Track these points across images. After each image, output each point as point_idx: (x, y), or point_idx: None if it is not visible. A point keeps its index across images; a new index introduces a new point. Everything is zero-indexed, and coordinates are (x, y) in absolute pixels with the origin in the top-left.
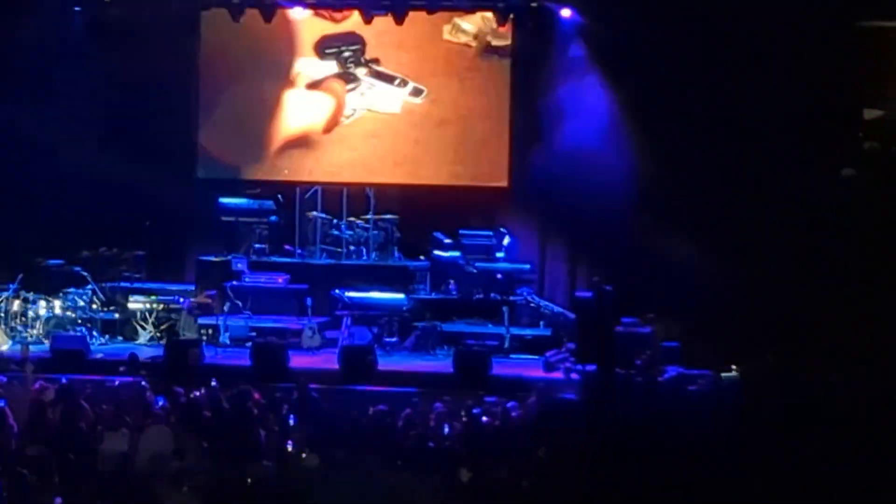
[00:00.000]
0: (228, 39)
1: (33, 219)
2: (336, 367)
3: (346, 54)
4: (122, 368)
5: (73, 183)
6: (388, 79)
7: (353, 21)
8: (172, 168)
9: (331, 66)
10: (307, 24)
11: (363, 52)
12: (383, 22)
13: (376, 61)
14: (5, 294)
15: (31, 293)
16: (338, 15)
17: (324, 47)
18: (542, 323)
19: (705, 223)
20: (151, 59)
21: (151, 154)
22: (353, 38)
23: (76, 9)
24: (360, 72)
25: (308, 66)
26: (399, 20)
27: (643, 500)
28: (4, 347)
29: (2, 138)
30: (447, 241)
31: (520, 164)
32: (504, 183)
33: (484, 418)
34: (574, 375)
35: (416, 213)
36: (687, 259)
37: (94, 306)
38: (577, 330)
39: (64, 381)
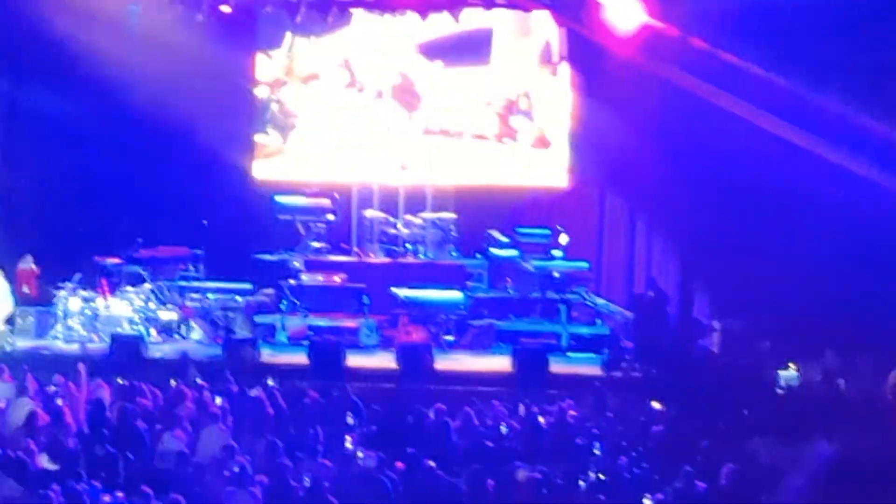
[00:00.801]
0: (284, 38)
1: (92, 218)
2: (393, 365)
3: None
4: (182, 367)
5: (131, 182)
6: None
7: (409, 19)
8: (230, 167)
9: (389, 66)
10: (365, 24)
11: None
12: (440, 18)
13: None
14: (64, 293)
15: (90, 292)
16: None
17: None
18: (599, 321)
19: (759, 219)
20: (208, 58)
21: (209, 153)
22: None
23: (133, 7)
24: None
25: (365, 64)
26: (456, 18)
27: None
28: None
29: (60, 138)
30: (504, 239)
31: (578, 163)
32: (563, 182)
33: (541, 417)
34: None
35: (473, 212)
36: (745, 256)
37: (152, 305)
38: (634, 329)
39: (122, 380)
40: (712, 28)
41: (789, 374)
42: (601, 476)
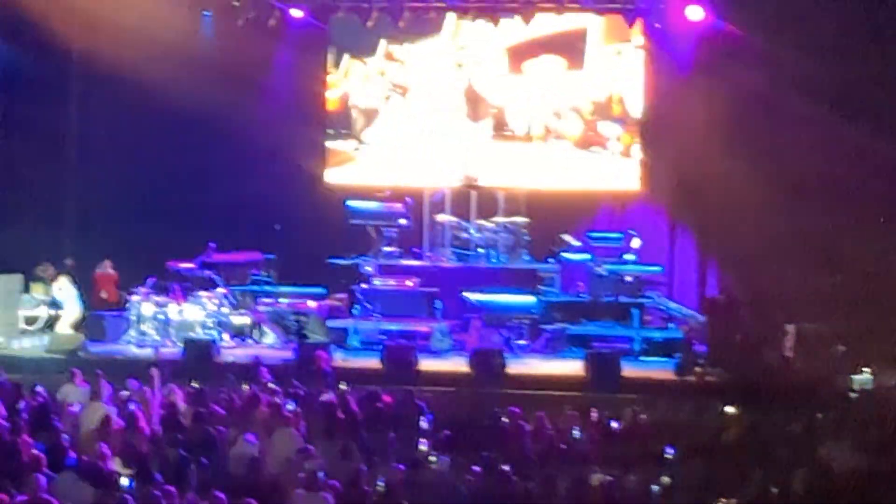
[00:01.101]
0: (357, 43)
1: (166, 223)
2: (466, 369)
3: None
4: (254, 371)
5: (205, 187)
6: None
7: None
8: (302, 172)
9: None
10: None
11: None
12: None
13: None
14: (137, 298)
15: (163, 296)
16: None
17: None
18: (672, 325)
19: (833, 225)
20: (279, 64)
21: (282, 157)
22: None
23: (204, 14)
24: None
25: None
26: (527, 21)
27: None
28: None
29: (134, 144)
30: (576, 243)
31: (651, 167)
32: (636, 186)
33: (613, 422)
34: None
35: (545, 216)
36: (817, 262)
37: (225, 309)
38: (707, 332)
39: (195, 384)
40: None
41: (863, 378)
42: (673, 481)
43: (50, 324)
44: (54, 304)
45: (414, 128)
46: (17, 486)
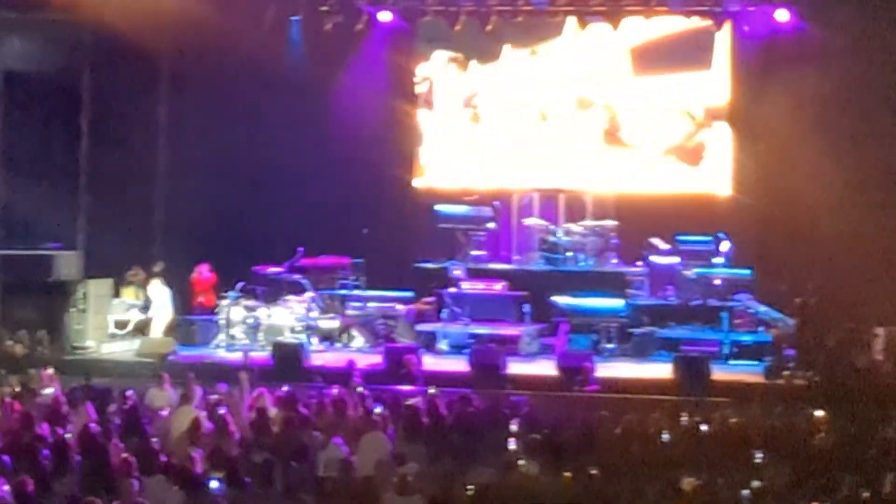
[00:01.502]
0: (447, 43)
1: (254, 227)
2: (554, 373)
3: None
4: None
5: (292, 191)
6: None
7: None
8: (391, 176)
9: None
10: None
11: None
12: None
13: None
14: (226, 302)
15: (252, 301)
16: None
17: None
18: (761, 329)
19: None
20: (367, 68)
21: (370, 162)
22: None
23: (293, 18)
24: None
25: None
26: (615, 25)
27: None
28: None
29: (223, 150)
30: (665, 246)
31: (739, 170)
32: (724, 189)
33: (703, 425)
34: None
35: (633, 219)
36: None
37: (314, 314)
38: (796, 335)
39: (284, 388)
40: None
41: None
42: (763, 485)
43: (140, 328)
44: (146, 308)
45: (507, 131)
46: (109, 491)
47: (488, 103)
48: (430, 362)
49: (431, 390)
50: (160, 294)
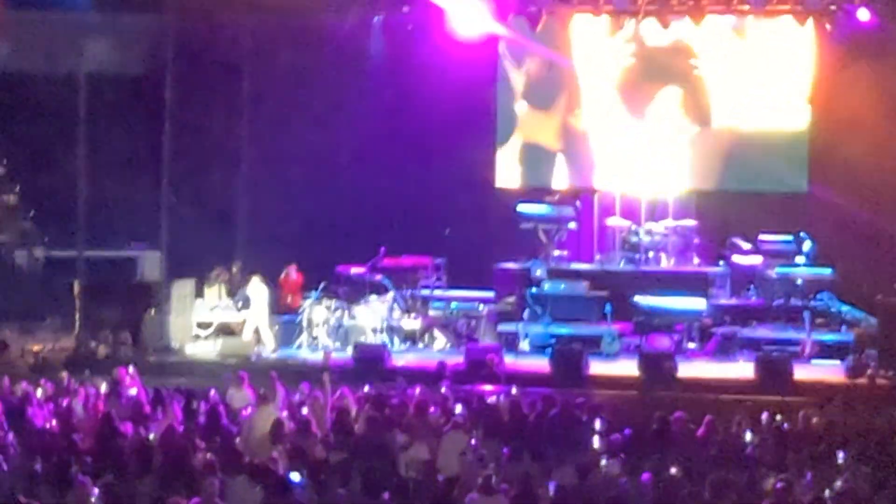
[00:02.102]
0: (527, 47)
1: (336, 228)
2: (636, 373)
3: None
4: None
5: (374, 192)
6: None
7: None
8: (472, 176)
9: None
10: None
11: None
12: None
13: None
14: (308, 302)
15: (334, 301)
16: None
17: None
18: (843, 328)
19: None
20: (448, 67)
21: (452, 162)
22: None
23: (375, 18)
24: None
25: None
26: (698, 22)
27: None
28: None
29: (303, 149)
30: (747, 246)
31: (819, 169)
32: (803, 188)
33: (785, 424)
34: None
35: (714, 219)
36: None
37: (395, 314)
38: (879, 335)
39: (367, 388)
40: None
41: None
42: (846, 485)
43: (223, 328)
44: (243, 307)
45: (586, 127)
46: (191, 491)
47: (573, 104)
48: (511, 362)
49: (513, 390)
50: (259, 293)
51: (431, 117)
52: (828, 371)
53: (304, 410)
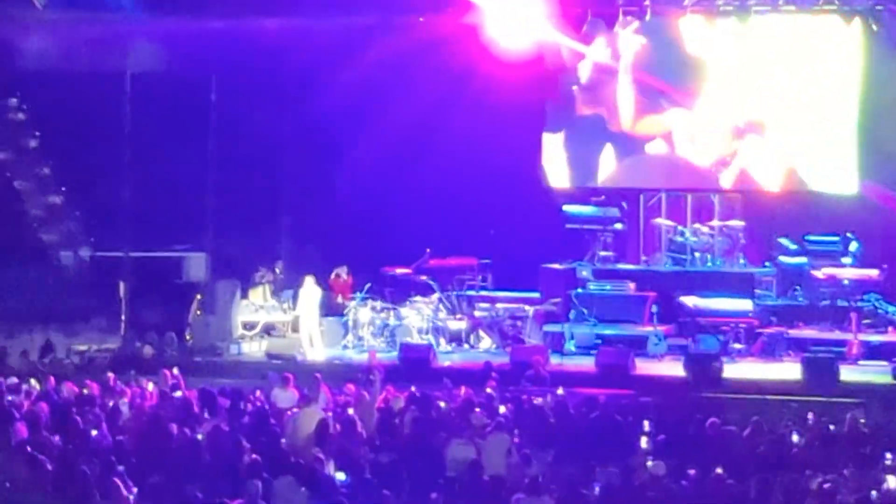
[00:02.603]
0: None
1: (382, 229)
2: (682, 374)
3: None
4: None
5: (420, 193)
6: None
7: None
8: (518, 177)
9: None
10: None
11: None
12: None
13: None
14: (354, 303)
15: (380, 302)
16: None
17: None
18: (890, 329)
19: None
20: (496, 67)
21: (498, 163)
22: None
23: (420, 19)
24: None
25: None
26: (743, 24)
27: None
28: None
29: (348, 151)
30: (793, 246)
31: (866, 169)
32: (852, 188)
33: (831, 426)
34: None
35: (761, 219)
36: None
37: (441, 314)
38: None
39: (412, 389)
40: None
41: None
42: (893, 486)
43: (268, 329)
44: (292, 307)
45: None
46: (237, 491)
47: (624, 105)
48: (557, 363)
49: (559, 391)
50: (311, 294)
51: (478, 118)
52: (874, 372)
53: (350, 411)
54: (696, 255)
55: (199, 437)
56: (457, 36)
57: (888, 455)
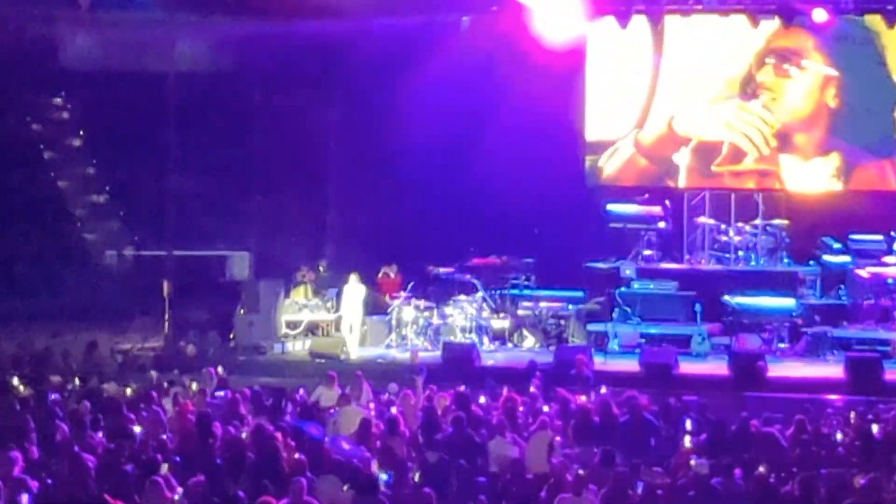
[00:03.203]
0: (614, 46)
1: (425, 228)
2: (726, 373)
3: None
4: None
5: (463, 192)
6: None
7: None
8: (561, 175)
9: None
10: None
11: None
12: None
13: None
14: (397, 302)
15: (423, 301)
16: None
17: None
18: None
19: None
20: (540, 68)
21: (540, 162)
22: None
23: (463, 18)
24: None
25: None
26: (787, 23)
27: None
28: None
29: (391, 149)
30: (837, 245)
31: None
32: (894, 186)
33: (875, 425)
34: None
35: (805, 218)
36: None
37: (485, 313)
38: None
39: (457, 388)
40: None
41: None
42: None
43: (311, 327)
44: (335, 305)
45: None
46: (280, 490)
47: (663, 102)
48: (600, 362)
49: (602, 390)
50: (355, 292)
51: (520, 116)
52: None
53: (393, 410)
54: (740, 253)
55: (243, 435)
56: (501, 33)
57: None
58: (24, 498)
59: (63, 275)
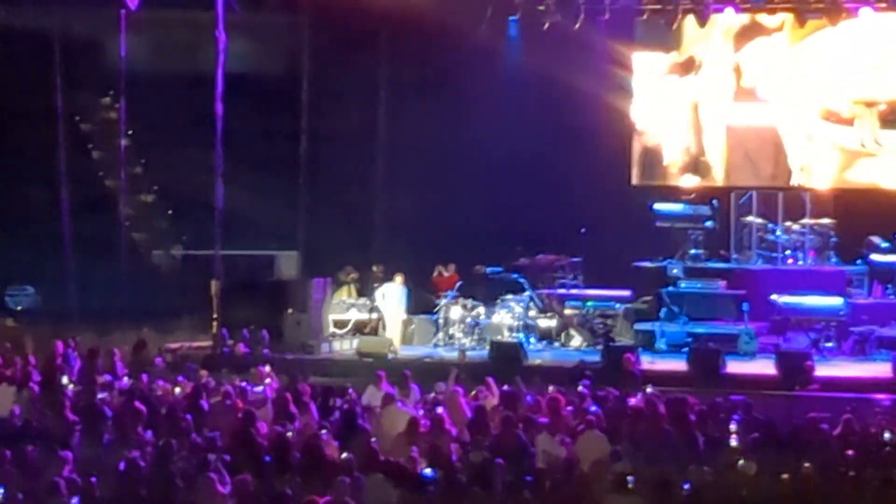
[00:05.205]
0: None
1: (472, 227)
2: (773, 372)
3: None
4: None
5: (510, 191)
6: None
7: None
8: (608, 175)
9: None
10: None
11: None
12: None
13: None
14: (445, 301)
15: (470, 300)
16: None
17: None
18: None
19: None
20: (586, 66)
21: (587, 161)
22: None
23: (511, 19)
24: None
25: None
26: (834, 22)
27: None
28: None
29: (439, 148)
30: (885, 244)
31: None
32: None
33: None
34: None
35: (853, 217)
36: None
37: (532, 313)
38: None
39: (505, 388)
40: None
41: None
42: None
43: (359, 327)
44: (377, 305)
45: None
46: (326, 489)
47: (710, 101)
48: (648, 361)
49: (649, 390)
50: (396, 292)
51: (567, 116)
52: None
53: (440, 409)
54: (787, 252)
55: (290, 434)
56: (548, 32)
57: None
58: (74, 500)
59: (111, 274)
